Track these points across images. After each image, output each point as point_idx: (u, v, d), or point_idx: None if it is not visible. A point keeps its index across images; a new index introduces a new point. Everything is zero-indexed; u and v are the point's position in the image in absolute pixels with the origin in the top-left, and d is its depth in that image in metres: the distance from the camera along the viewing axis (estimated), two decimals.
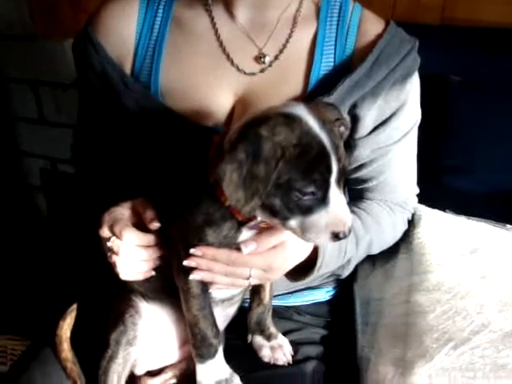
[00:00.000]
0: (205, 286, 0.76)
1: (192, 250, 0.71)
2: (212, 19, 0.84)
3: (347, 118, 0.81)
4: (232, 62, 0.84)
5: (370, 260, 1.01)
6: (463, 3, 1.33)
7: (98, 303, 0.88)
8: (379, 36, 0.82)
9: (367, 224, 0.90)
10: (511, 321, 0.82)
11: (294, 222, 0.63)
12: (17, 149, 2.03)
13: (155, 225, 0.73)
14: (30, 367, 0.85)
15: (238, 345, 0.88)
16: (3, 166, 2.05)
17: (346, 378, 0.89)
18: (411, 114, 0.89)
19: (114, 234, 0.74)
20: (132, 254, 0.74)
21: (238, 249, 0.71)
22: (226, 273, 0.73)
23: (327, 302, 1.01)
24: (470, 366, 0.77)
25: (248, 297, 0.89)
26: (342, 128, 0.66)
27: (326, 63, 0.84)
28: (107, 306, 0.83)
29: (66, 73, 1.76)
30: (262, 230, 0.72)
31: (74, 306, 0.86)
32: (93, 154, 0.97)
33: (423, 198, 1.05)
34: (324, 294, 1.01)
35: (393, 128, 0.87)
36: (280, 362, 0.86)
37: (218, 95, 0.84)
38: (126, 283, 0.80)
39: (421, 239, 0.98)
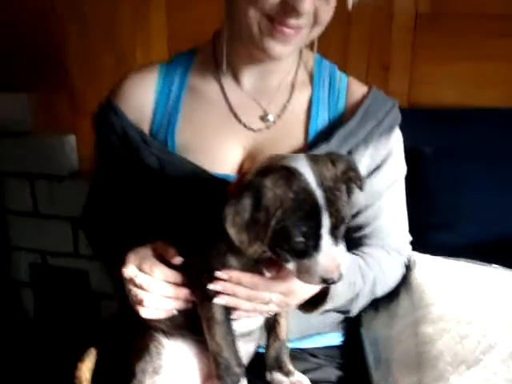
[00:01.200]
0: (228, 313, 0.79)
1: (218, 273, 0.75)
2: (221, 86, 0.98)
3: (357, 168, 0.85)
4: (240, 121, 0.96)
5: (373, 305, 1.05)
6: (426, 89, 1.56)
7: (118, 345, 0.89)
8: (365, 95, 0.98)
9: (370, 264, 0.96)
10: None
11: (291, 264, 0.70)
12: (7, 243, 2.04)
13: (178, 259, 0.78)
14: None
15: None
16: None
17: None
18: (397, 163, 1.01)
19: (142, 270, 0.78)
20: (161, 290, 0.78)
21: (261, 273, 0.77)
22: (249, 297, 0.77)
23: (338, 346, 1.04)
24: (486, 381, 0.81)
25: (263, 344, 0.91)
26: (352, 179, 0.74)
27: (321, 119, 0.97)
28: (127, 347, 0.84)
29: (63, 165, 1.88)
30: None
31: (92, 349, 0.86)
32: (110, 209, 1.03)
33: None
34: (335, 339, 1.04)
35: (383, 174, 0.98)
36: None
37: (228, 150, 0.95)
38: (145, 323, 0.83)
39: (418, 279, 1.04)
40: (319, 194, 0.67)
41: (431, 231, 1.31)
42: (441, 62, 1.51)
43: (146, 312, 0.79)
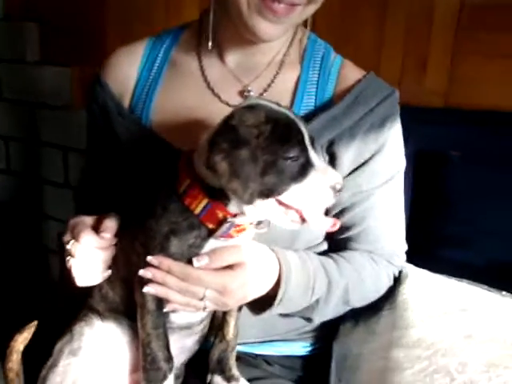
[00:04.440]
0: (160, 302, 0.73)
1: (149, 258, 0.71)
2: (200, 62, 0.92)
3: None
4: (219, 98, 0.90)
5: (353, 317, 0.95)
6: (465, 89, 1.39)
7: (56, 321, 0.86)
8: (358, 81, 0.87)
9: (344, 270, 0.87)
10: (496, 382, 0.73)
11: (290, 194, 0.66)
12: (40, 211, 2.12)
13: (105, 235, 0.75)
14: None
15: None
16: (25, 227, 2.13)
17: None
18: (392, 161, 0.89)
19: (73, 238, 0.75)
20: (88, 256, 0.74)
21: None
22: (179, 289, 0.72)
23: (302, 356, 0.94)
24: None
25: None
26: None
27: (306, 103, 0.88)
28: (63, 324, 0.81)
29: None
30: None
31: (35, 322, 0.84)
32: (94, 176, 1.02)
33: (423, 267, 1.01)
34: (299, 349, 0.94)
35: (373, 171, 0.87)
36: None
37: (202, 125, 0.89)
38: (85, 301, 0.79)
39: (405, 295, 0.92)
40: (286, 111, 0.69)
41: (444, 245, 1.18)
42: (484, 61, 1.33)
43: (78, 279, 0.76)
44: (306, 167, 0.66)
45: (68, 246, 0.75)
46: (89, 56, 1.92)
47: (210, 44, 0.89)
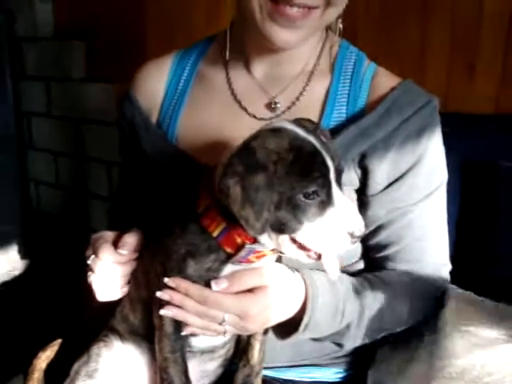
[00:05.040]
0: (179, 325, 0.71)
1: (166, 280, 0.68)
2: (227, 74, 0.89)
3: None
4: (245, 110, 0.87)
5: (390, 342, 0.88)
6: None
7: (81, 342, 0.85)
8: (392, 89, 0.81)
9: (379, 292, 0.80)
10: None
11: (304, 233, 0.61)
12: (87, 224, 2.17)
13: (122, 251, 0.74)
14: None
15: None
16: (72, 239, 2.18)
17: None
18: (433, 173, 0.83)
19: (94, 252, 0.75)
20: (107, 271, 0.74)
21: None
22: (198, 312, 0.69)
23: (333, 383, 0.88)
24: None
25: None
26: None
27: (337, 115, 0.83)
28: (84, 344, 0.80)
29: None
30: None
31: (59, 340, 0.83)
32: (126, 191, 1.03)
33: (471, 289, 0.93)
34: (331, 375, 0.89)
35: (411, 186, 0.81)
36: None
37: (229, 140, 0.86)
38: (108, 322, 0.79)
39: (448, 321, 0.84)
40: (313, 139, 0.61)
41: (494, 264, 1.08)
42: None
43: (99, 295, 0.77)
44: (325, 205, 0.60)
45: (89, 262, 0.76)
46: (130, 71, 1.96)
47: (227, 54, 0.87)
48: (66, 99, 2.09)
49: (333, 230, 0.60)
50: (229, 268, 0.68)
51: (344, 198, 0.62)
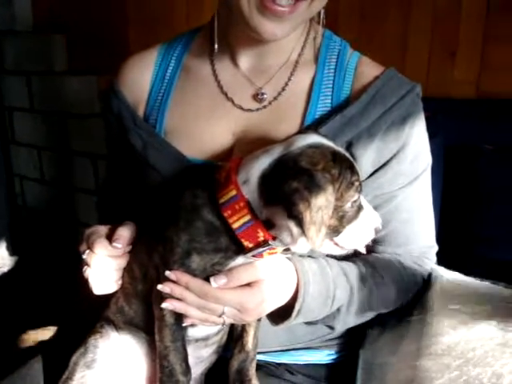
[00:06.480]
0: (179, 316, 0.72)
1: (167, 273, 0.69)
2: (213, 66, 0.90)
3: None
4: (231, 101, 0.87)
5: (380, 323, 0.91)
6: (497, 77, 1.32)
7: (76, 333, 0.86)
8: (376, 78, 0.82)
9: (367, 275, 0.83)
10: None
11: (343, 235, 0.68)
12: (73, 217, 2.17)
13: (116, 244, 0.74)
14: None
15: None
16: (58, 233, 2.18)
17: None
18: (417, 159, 0.85)
19: (88, 247, 0.75)
20: (102, 265, 0.75)
21: None
22: (198, 305, 0.71)
23: (326, 365, 0.91)
24: None
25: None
26: None
27: (322, 104, 0.84)
28: (81, 335, 0.81)
29: None
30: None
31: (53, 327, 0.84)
32: (113, 185, 1.03)
33: (455, 269, 0.96)
34: (324, 357, 0.91)
35: (396, 172, 0.83)
36: None
37: (216, 132, 0.87)
38: (103, 313, 0.79)
39: (435, 300, 0.87)
40: (342, 149, 0.69)
41: (477, 244, 1.11)
42: None
43: (95, 288, 0.77)
44: (359, 209, 0.68)
45: (84, 256, 0.76)
46: (113, 64, 1.94)
47: (216, 46, 0.87)
48: (49, 93, 2.07)
49: (364, 228, 0.69)
50: (234, 262, 0.70)
51: (364, 199, 0.70)
